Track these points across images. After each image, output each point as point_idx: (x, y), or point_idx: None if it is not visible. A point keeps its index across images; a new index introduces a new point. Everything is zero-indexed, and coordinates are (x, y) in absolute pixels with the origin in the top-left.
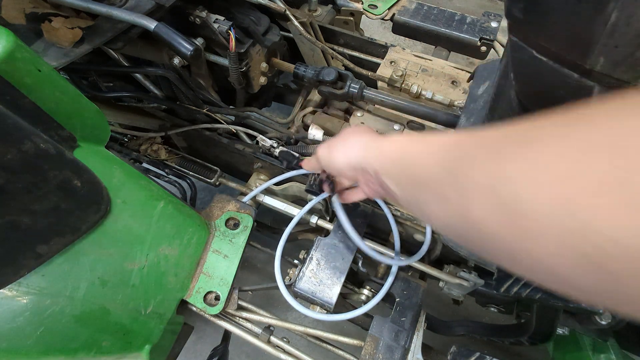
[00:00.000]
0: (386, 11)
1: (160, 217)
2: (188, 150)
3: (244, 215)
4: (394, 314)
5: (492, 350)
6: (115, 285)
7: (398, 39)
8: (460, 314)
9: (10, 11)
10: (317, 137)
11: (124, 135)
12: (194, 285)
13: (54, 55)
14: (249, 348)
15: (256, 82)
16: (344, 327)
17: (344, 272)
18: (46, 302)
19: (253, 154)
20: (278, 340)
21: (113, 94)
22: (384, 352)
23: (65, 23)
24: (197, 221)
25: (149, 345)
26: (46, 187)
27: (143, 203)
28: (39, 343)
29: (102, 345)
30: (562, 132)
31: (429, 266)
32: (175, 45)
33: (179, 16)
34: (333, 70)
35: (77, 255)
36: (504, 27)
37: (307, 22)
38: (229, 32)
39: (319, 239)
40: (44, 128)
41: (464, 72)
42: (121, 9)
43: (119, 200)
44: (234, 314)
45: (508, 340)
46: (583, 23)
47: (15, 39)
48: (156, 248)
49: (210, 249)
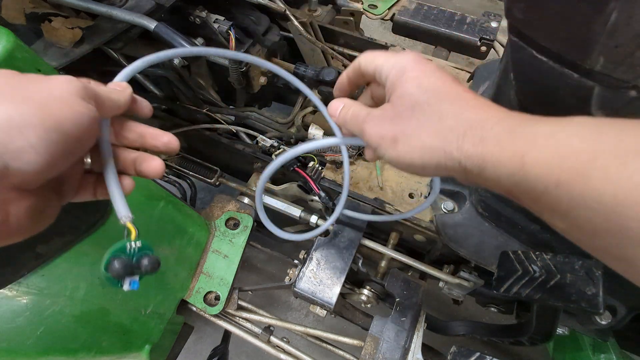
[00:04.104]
0: (386, 11)
1: (160, 217)
2: (188, 150)
3: (244, 215)
4: (394, 314)
5: (492, 350)
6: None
7: (398, 39)
8: (460, 314)
9: (10, 11)
10: (317, 137)
11: None
12: (194, 285)
13: (54, 55)
14: (249, 348)
15: (256, 82)
16: (344, 327)
17: (344, 272)
18: (46, 302)
19: (253, 154)
20: (278, 340)
21: None
22: (384, 352)
23: (65, 23)
24: (197, 221)
25: (149, 345)
26: None
27: (143, 203)
28: (39, 343)
29: (102, 345)
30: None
31: (429, 266)
32: (175, 45)
33: (179, 16)
34: (333, 70)
35: (77, 255)
36: (504, 27)
37: (307, 22)
38: (229, 32)
39: (319, 239)
40: None
41: (464, 72)
42: (121, 9)
43: None
44: (234, 314)
45: (508, 340)
46: (583, 23)
47: (15, 39)
48: (156, 248)
49: (210, 249)
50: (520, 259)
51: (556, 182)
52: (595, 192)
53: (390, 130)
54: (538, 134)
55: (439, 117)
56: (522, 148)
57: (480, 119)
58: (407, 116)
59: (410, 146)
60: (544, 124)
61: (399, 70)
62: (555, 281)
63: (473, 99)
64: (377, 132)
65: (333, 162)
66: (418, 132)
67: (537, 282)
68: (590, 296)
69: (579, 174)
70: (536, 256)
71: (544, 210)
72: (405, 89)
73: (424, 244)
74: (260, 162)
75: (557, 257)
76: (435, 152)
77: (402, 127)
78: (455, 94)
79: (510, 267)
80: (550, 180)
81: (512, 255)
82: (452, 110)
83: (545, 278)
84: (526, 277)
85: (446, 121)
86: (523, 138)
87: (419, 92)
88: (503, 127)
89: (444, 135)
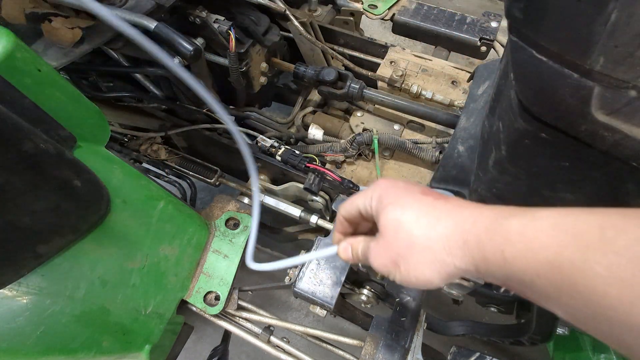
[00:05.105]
0: (386, 11)
1: (160, 217)
2: (188, 150)
3: (244, 215)
4: (394, 314)
5: (492, 350)
6: (115, 285)
7: (398, 39)
8: (460, 314)
9: (10, 11)
10: (317, 137)
11: (124, 135)
12: (194, 285)
13: (54, 55)
14: (249, 348)
15: (256, 82)
16: (344, 327)
17: (344, 272)
18: (46, 302)
19: (253, 154)
20: (278, 340)
21: (113, 94)
22: (384, 352)
23: (65, 23)
24: (197, 221)
25: (149, 345)
26: (46, 187)
27: (143, 203)
28: (39, 343)
29: (102, 345)
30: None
31: None
32: (175, 45)
33: (179, 16)
34: (333, 70)
35: (77, 255)
36: (504, 27)
37: (307, 22)
38: (229, 32)
39: (319, 238)
40: (44, 128)
41: (464, 72)
42: (121, 9)
43: (119, 200)
44: (234, 314)
45: (508, 340)
46: (583, 23)
47: (15, 39)
48: (156, 248)
49: (210, 249)
50: None
51: (536, 274)
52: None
53: (388, 257)
54: (510, 231)
55: (422, 232)
56: (500, 245)
57: (457, 222)
58: (395, 240)
59: (410, 265)
60: (513, 219)
61: (377, 200)
62: None
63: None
64: (380, 263)
65: (333, 162)
66: (411, 252)
67: None
68: None
69: (553, 266)
70: None
71: (540, 299)
72: (386, 216)
73: None
74: (260, 162)
75: None
76: (432, 264)
77: (395, 251)
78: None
79: None
80: (532, 272)
81: None
82: (431, 222)
83: None
84: None
85: (429, 233)
86: (498, 235)
87: (397, 215)
88: (479, 226)
89: (432, 247)
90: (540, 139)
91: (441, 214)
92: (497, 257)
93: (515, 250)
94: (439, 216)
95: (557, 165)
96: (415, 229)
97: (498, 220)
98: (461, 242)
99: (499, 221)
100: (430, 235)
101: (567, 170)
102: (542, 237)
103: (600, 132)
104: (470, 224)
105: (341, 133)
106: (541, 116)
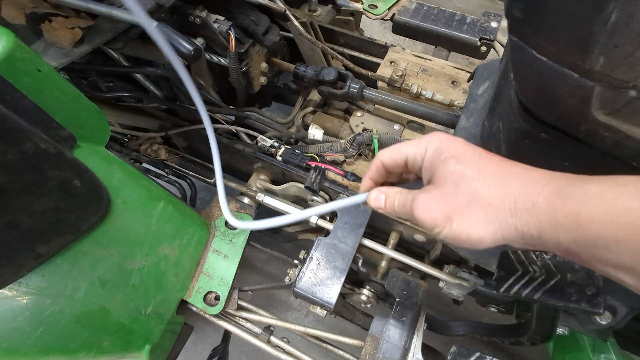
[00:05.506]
0: (386, 11)
1: (160, 217)
2: (188, 150)
3: (244, 215)
4: (394, 314)
5: (492, 350)
6: (115, 285)
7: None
8: (460, 314)
9: (10, 11)
10: (317, 137)
11: (124, 135)
12: (194, 285)
13: (54, 55)
14: (249, 348)
15: (256, 82)
16: (344, 327)
17: (344, 272)
18: (46, 302)
19: (253, 154)
20: (278, 340)
21: (113, 94)
22: (384, 352)
23: (65, 23)
24: (197, 221)
25: (149, 345)
26: (46, 187)
27: (143, 203)
28: (39, 343)
29: (102, 345)
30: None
31: (429, 266)
32: (176, 45)
33: (179, 16)
34: (333, 70)
35: (77, 255)
36: (504, 27)
37: (307, 22)
38: (229, 32)
39: (319, 239)
40: (44, 128)
41: (464, 72)
42: (121, 9)
43: (119, 200)
44: (234, 314)
45: (508, 340)
46: (583, 23)
47: (15, 39)
48: (156, 248)
49: (210, 249)
50: (520, 259)
51: (615, 239)
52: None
53: (441, 210)
54: (588, 194)
55: (487, 190)
56: (575, 208)
57: (527, 184)
58: (454, 193)
59: (465, 221)
60: (591, 184)
61: (434, 152)
62: (555, 281)
63: (513, 166)
64: (429, 215)
65: (333, 162)
66: (469, 207)
67: (537, 282)
68: (591, 296)
69: (637, 231)
70: (536, 256)
71: (608, 267)
72: (446, 168)
73: (424, 244)
74: (260, 162)
75: (557, 257)
76: (490, 223)
77: (452, 204)
78: (495, 164)
79: (510, 267)
80: (609, 237)
81: (512, 255)
82: (497, 181)
83: (545, 278)
84: (526, 277)
85: (495, 192)
86: (574, 198)
87: (460, 168)
88: (550, 189)
89: (495, 205)
90: (540, 139)
91: (509, 175)
92: (569, 221)
93: (592, 213)
94: (506, 177)
95: (557, 165)
96: (480, 186)
97: (575, 183)
98: (530, 205)
99: (575, 184)
100: (496, 194)
101: (567, 170)
102: (626, 201)
103: (600, 132)
104: (542, 187)
105: (341, 133)
106: (541, 116)
